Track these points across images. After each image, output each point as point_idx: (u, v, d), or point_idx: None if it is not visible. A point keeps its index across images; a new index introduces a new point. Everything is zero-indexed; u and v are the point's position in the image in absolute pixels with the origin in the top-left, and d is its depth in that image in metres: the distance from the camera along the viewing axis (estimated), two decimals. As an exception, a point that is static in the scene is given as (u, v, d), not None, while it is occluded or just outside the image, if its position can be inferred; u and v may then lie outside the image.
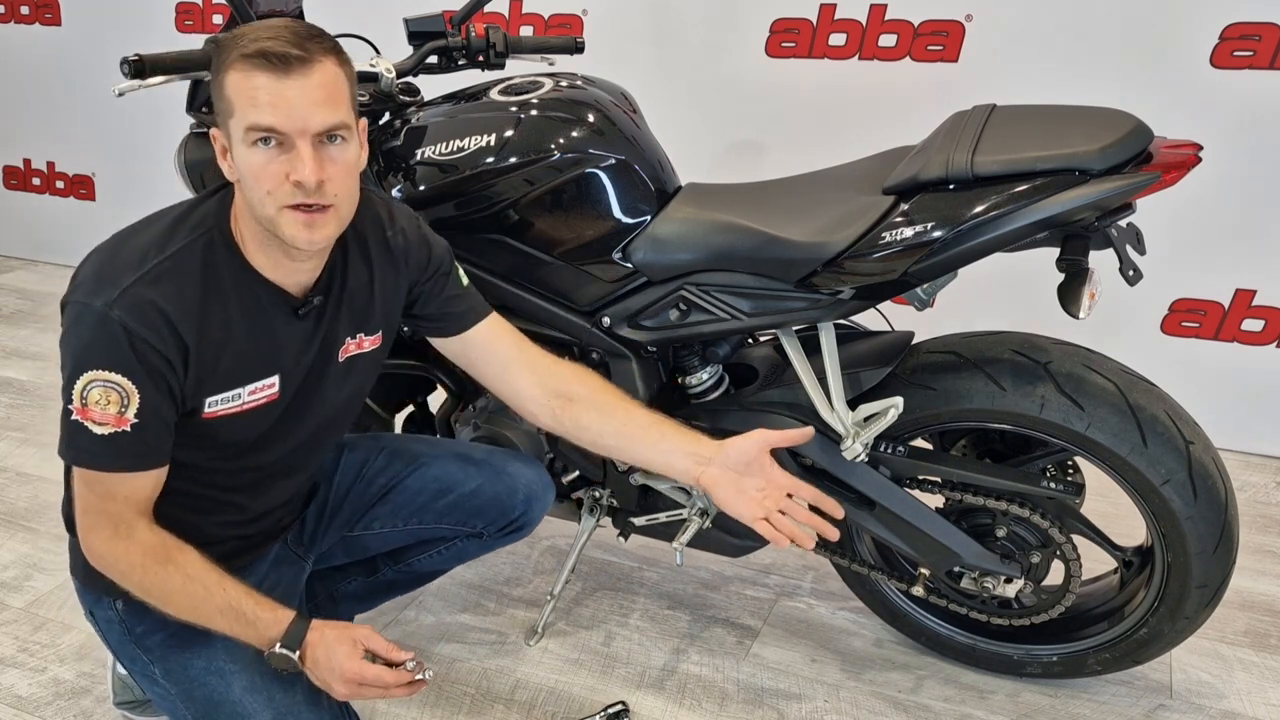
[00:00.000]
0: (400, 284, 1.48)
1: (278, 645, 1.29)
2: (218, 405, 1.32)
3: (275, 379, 1.37)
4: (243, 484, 1.46)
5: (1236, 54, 2.49)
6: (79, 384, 1.21)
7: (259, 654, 1.38)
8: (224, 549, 1.42)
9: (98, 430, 1.22)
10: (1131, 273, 1.45)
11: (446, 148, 1.71)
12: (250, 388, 1.34)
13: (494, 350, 1.56)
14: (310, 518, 1.67)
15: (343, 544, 1.71)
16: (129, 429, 1.22)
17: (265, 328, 1.33)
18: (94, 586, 1.45)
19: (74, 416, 1.22)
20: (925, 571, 1.83)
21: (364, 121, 1.31)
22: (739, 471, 1.41)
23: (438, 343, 1.58)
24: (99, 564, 1.32)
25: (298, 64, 1.16)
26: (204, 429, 1.33)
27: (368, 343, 1.48)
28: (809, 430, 1.45)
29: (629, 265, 1.71)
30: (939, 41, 2.77)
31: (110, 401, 1.21)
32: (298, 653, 1.28)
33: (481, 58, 1.91)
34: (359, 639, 1.29)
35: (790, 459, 1.74)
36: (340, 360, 1.45)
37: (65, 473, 1.46)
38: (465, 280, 1.57)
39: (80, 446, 1.24)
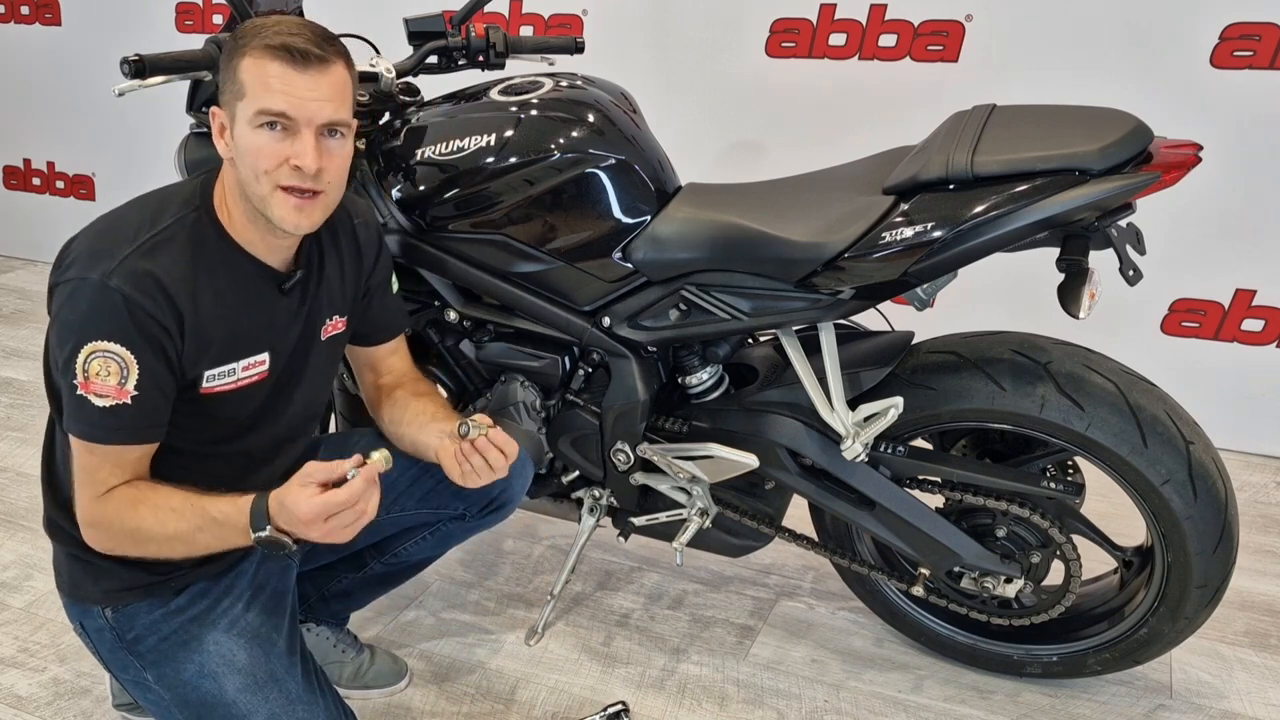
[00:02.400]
0: (361, 272, 1.55)
1: (252, 532, 1.26)
2: (215, 380, 1.36)
3: (266, 356, 1.41)
4: (230, 473, 1.46)
5: (1236, 54, 2.49)
6: (80, 356, 1.24)
7: (251, 651, 1.38)
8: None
9: (99, 402, 1.25)
10: (1131, 273, 1.45)
11: (446, 148, 1.72)
12: (244, 363, 1.39)
13: (387, 363, 1.67)
14: None
15: None
16: (129, 401, 1.25)
17: (253, 302, 1.38)
18: (81, 598, 1.45)
19: (79, 391, 1.25)
20: (925, 571, 1.83)
21: (356, 121, 1.38)
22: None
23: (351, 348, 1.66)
24: (90, 533, 1.33)
25: (316, 62, 1.25)
26: (202, 406, 1.36)
27: (340, 324, 1.54)
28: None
29: (629, 265, 1.71)
30: (939, 41, 2.77)
31: (110, 373, 1.24)
32: (269, 528, 1.25)
33: (481, 58, 1.92)
34: (301, 480, 1.26)
35: (790, 459, 1.74)
36: (323, 339, 1.51)
37: (43, 484, 1.46)
38: (395, 286, 1.67)
39: (84, 420, 1.26)
